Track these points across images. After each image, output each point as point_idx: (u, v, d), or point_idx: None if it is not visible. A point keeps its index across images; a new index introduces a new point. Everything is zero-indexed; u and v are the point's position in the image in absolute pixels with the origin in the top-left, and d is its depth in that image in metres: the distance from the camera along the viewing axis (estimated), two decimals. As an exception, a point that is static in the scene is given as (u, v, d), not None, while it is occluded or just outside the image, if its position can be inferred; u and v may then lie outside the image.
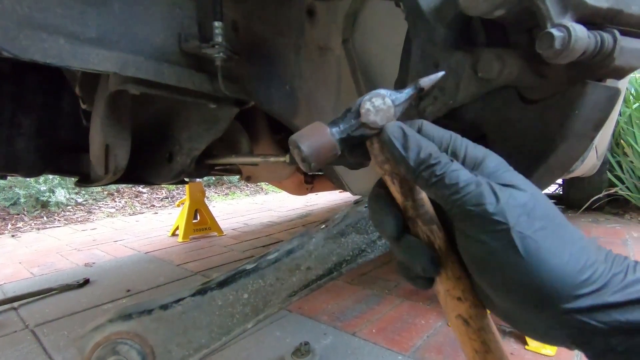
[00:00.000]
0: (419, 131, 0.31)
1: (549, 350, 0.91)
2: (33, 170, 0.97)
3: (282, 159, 0.88)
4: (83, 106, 0.90)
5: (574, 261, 0.24)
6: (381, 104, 0.31)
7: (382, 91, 0.33)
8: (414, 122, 0.32)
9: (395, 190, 0.32)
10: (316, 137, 0.31)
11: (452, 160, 0.28)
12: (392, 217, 0.31)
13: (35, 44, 0.51)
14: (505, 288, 0.26)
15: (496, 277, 0.26)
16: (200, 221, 2.41)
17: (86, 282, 1.51)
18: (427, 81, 0.33)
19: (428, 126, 0.32)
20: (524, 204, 0.26)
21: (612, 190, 2.29)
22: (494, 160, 0.29)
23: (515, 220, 0.25)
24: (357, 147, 0.33)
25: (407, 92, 0.33)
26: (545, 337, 0.27)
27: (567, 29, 0.37)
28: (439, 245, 0.30)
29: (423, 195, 0.32)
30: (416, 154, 0.28)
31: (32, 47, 0.51)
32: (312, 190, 1.82)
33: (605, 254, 0.26)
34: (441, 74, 0.34)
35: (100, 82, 0.80)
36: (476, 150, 0.30)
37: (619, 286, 0.24)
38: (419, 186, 0.30)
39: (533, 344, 0.93)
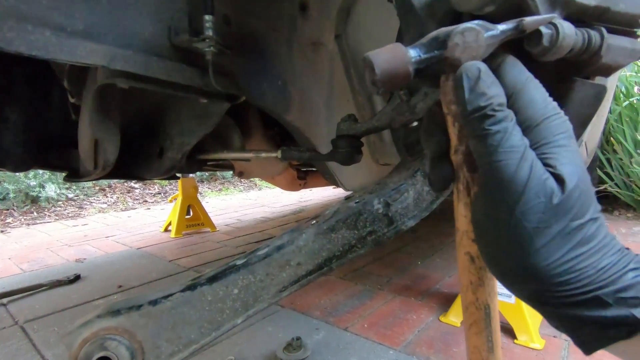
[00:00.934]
0: (498, 67, 0.29)
1: (537, 344, 0.93)
2: (21, 165, 0.96)
3: (274, 154, 0.88)
4: (72, 100, 0.88)
5: (558, 265, 0.25)
6: (473, 41, 0.29)
7: (476, 24, 0.29)
8: (497, 55, 0.30)
9: (453, 132, 0.31)
10: (393, 61, 0.29)
11: (511, 120, 0.27)
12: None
13: (21, 36, 0.50)
14: (490, 256, 0.29)
15: (486, 242, 0.29)
16: (193, 217, 2.40)
17: (77, 277, 1.50)
18: (532, 22, 0.29)
19: (509, 64, 0.30)
20: (549, 196, 0.25)
21: (602, 187, 2.33)
22: (552, 128, 0.27)
23: (524, 209, 0.25)
24: (429, 76, 0.31)
25: (503, 30, 0.29)
26: (521, 299, 0.30)
27: (555, 26, 0.37)
28: (475, 192, 0.32)
29: None
30: (477, 99, 0.27)
31: (17, 39, 0.50)
32: (305, 186, 1.82)
33: (604, 259, 0.25)
34: (551, 15, 0.30)
35: (88, 75, 0.79)
36: (537, 110, 0.28)
37: (588, 288, 0.25)
38: (466, 129, 0.29)
39: (522, 338, 0.95)
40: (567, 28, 0.37)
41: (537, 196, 0.25)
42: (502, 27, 0.29)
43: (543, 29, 0.38)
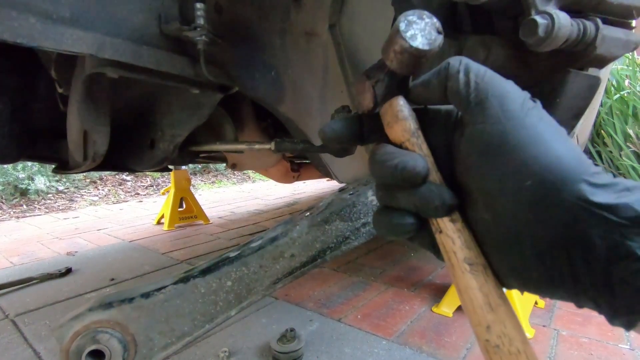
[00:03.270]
0: None
1: (527, 333, 0.94)
2: (8, 157, 0.93)
3: (267, 146, 0.87)
4: (60, 90, 0.86)
5: (584, 156, 0.23)
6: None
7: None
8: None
9: (423, 143, 0.28)
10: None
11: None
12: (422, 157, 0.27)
13: (4, 23, 0.49)
14: (508, 179, 0.23)
15: (502, 166, 0.23)
16: (186, 209, 2.38)
17: (68, 271, 1.49)
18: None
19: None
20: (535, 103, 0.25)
21: (592, 179, 2.35)
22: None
23: (526, 111, 0.24)
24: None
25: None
26: (533, 261, 0.23)
27: (551, 16, 0.37)
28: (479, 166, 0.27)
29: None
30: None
31: (1, 26, 0.49)
32: (298, 179, 1.81)
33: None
34: None
35: (77, 65, 0.77)
36: None
37: (620, 188, 0.21)
38: (445, 75, 0.26)
39: (512, 328, 0.96)
40: (562, 18, 0.37)
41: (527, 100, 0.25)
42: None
43: (539, 19, 0.37)
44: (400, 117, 0.27)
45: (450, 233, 0.26)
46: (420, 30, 0.25)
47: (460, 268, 0.25)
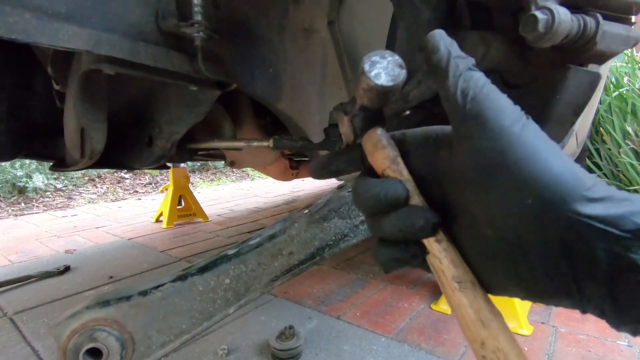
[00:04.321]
0: None
1: (526, 330, 0.94)
2: (4, 154, 0.93)
3: (265, 143, 0.87)
4: (56, 87, 0.85)
5: (579, 169, 0.23)
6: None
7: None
8: None
9: (403, 169, 0.29)
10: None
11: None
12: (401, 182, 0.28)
13: (-1, 18, 0.48)
14: (510, 197, 0.23)
15: (503, 184, 0.23)
16: (184, 207, 2.38)
17: (67, 269, 1.48)
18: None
19: None
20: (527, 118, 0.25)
21: (590, 177, 2.35)
22: None
23: (521, 127, 0.24)
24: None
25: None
26: (535, 275, 0.24)
27: (551, 11, 0.36)
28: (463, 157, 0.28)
29: None
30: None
31: (-5, 22, 0.48)
32: (297, 176, 1.81)
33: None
34: None
35: (73, 61, 0.76)
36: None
37: (618, 199, 0.21)
38: (445, 74, 0.26)
39: (511, 325, 0.96)
40: (563, 14, 0.37)
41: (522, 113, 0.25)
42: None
43: (539, 14, 0.37)
44: (379, 147, 0.29)
45: (437, 253, 0.27)
46: (384, 69, 0.26)
47: (450, 286, 0.26)
